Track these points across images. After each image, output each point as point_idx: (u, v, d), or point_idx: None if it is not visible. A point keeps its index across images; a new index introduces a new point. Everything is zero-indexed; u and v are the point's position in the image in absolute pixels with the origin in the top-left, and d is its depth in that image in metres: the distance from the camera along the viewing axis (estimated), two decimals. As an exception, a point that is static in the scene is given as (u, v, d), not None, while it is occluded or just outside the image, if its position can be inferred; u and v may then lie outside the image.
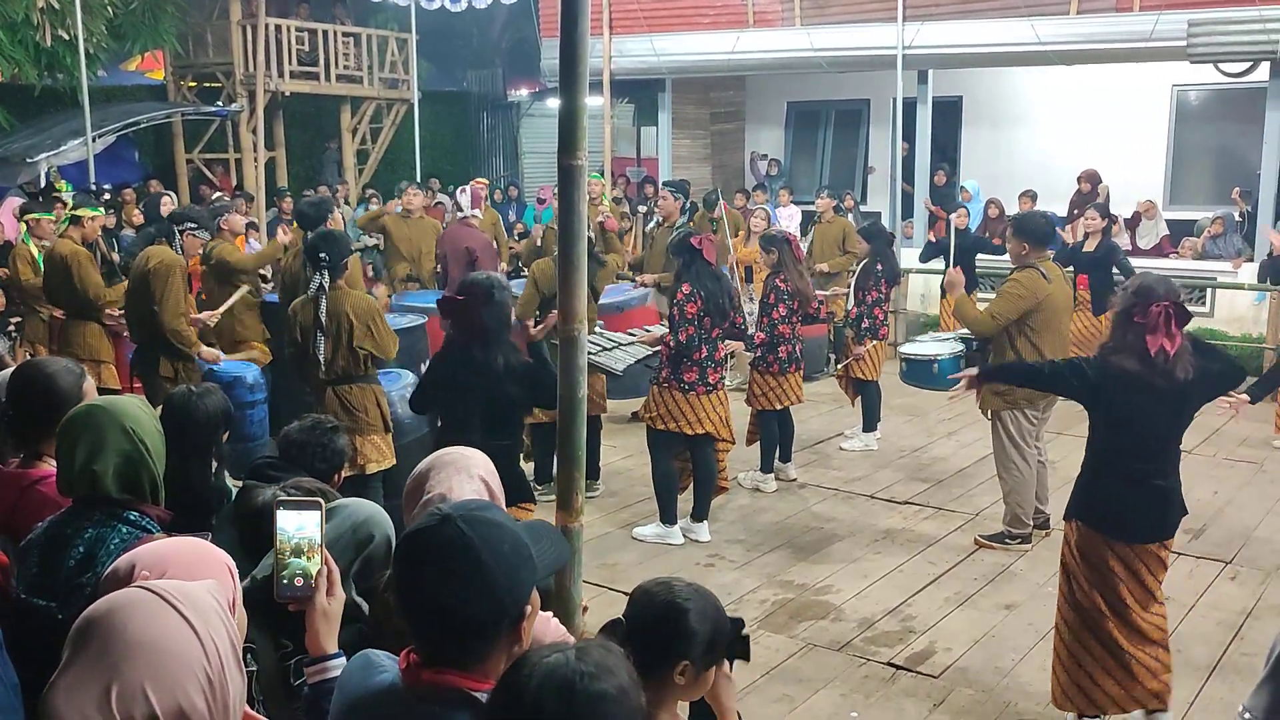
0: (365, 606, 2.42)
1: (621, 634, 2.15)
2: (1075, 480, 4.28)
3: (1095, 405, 4.13)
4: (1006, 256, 6.55)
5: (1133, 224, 12.81)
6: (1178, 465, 4.15)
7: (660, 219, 9.54)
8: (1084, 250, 9.03)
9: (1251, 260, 11.28)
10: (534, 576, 1.78)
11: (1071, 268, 8.96)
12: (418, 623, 1.75)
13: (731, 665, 2.30)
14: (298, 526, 2.06)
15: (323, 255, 5.30)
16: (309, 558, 2.06)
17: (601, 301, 8.92)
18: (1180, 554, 5.79)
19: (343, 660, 2.05)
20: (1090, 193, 12.16)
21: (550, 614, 2.62)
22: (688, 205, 9.50)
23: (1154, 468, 4.06)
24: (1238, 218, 12.24)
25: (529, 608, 1.77)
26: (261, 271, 8.10)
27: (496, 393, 4.46)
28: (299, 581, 2.05)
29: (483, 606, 1.69)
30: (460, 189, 9.19)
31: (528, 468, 6.31)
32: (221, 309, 7.11)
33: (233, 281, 7.33)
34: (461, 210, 8.89)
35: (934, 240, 10.96)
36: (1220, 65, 11.58)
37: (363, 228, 10.53)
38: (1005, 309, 5.85)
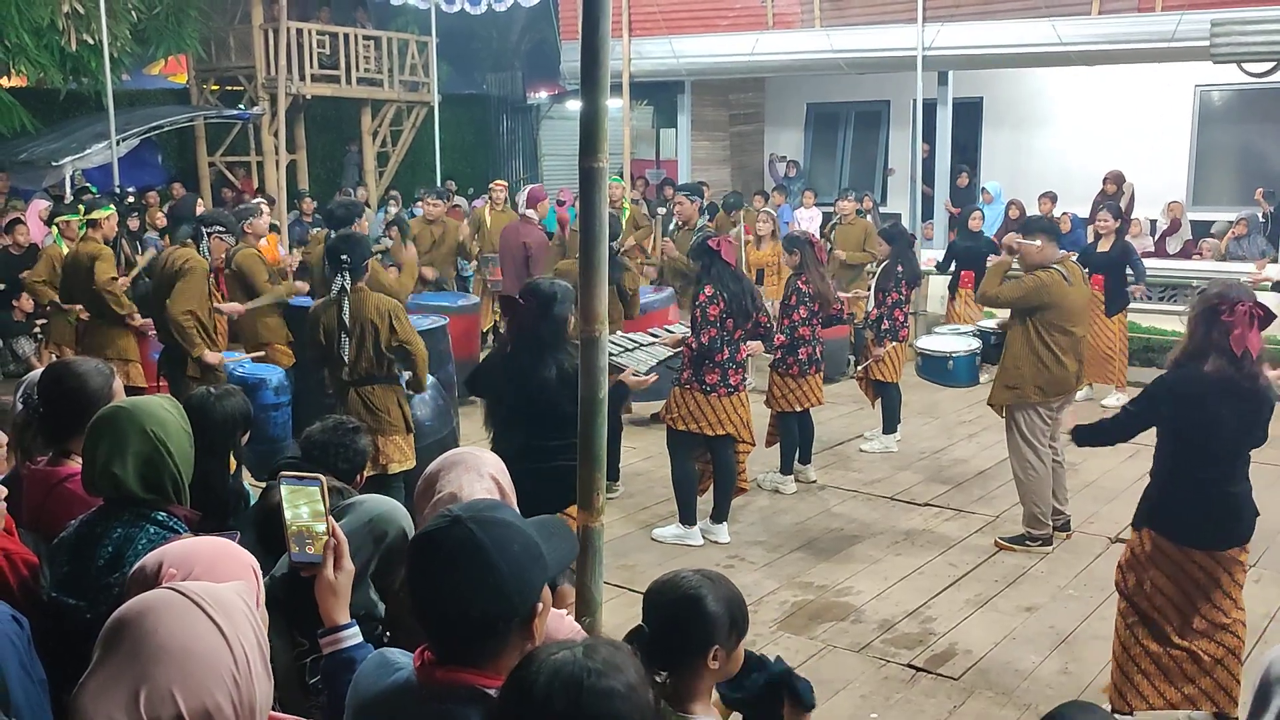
0: (381, 607, 2.44)
1: (644, 638, 2.16)
2: (1145, 489, 4.22)
3: (1174, 416, 4.04)
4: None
5: (1170, 231, 12.71)
6: (1248, 469, 4.11)
7: (679, 222, 9.59)
8: (1099, 251, 8.99)
9: (1276, 261, 11.19)
10: (545, 574, 1.81)
11: (1086, 269, 8.95)
12: (431, 622, 1.78)
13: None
14: (298, 502, 2.12)
15: (344, 257, 5.33)
16: (312, 531, 2.11)
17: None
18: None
19: (356, 630, 2.09)
20: (1115, 194, 12.10)
21: (564, 611, 2.64)
22: (705, 206, 9.52)
23: (1229, 473, 4.02)
24: (1261, 218, 12.15)
25: (540, 605, 1.79)
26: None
27: (547, 402, 4.42)
28: (310, 550, 2.11)
29: (494, 606, 1.72)
30: (526, 189, 9.19)
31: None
32: (250, 305, 7.11)
33: (258, 296, 7.33)
34: (517, 208, 8.97)
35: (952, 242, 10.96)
36: (1243, 65, 11.50)
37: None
38: (1009, 291, 5.91)
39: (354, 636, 2.09)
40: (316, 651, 2.23)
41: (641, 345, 6.80)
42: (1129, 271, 9.07)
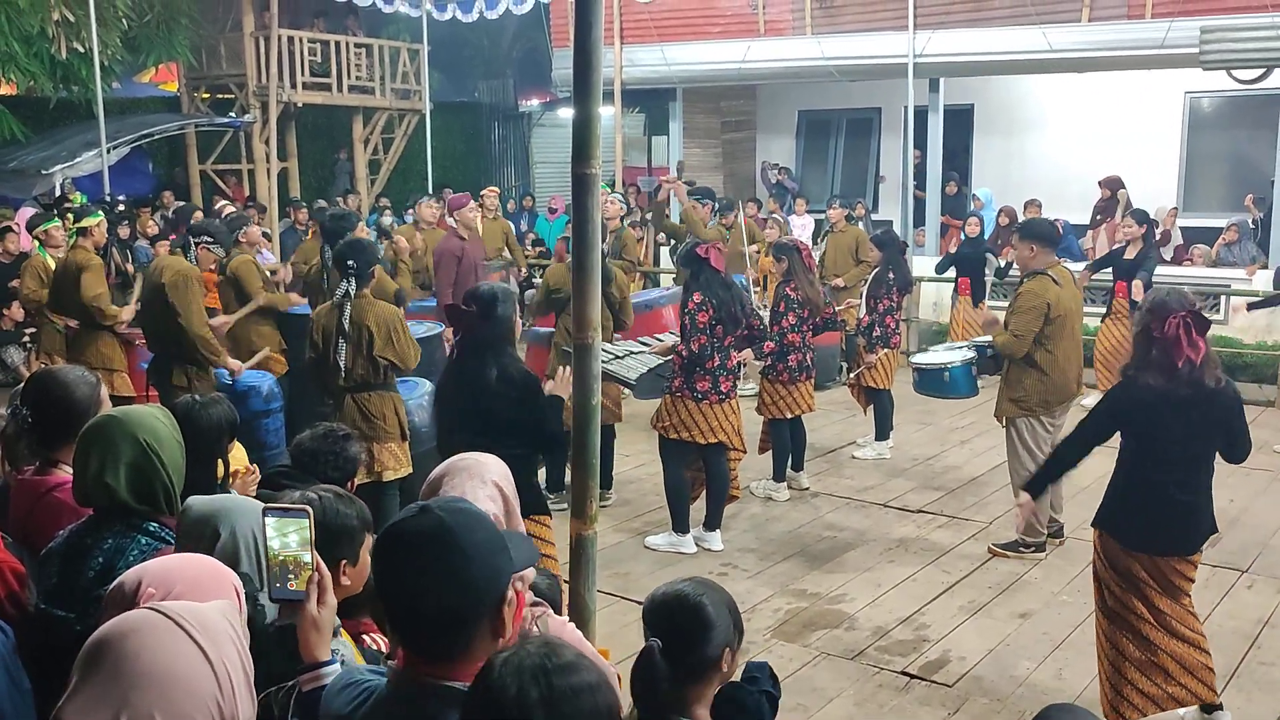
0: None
1: (659, 652, 2.15)
2: (1105, 489, 4.25)
3: (1126, 424, 4.12)
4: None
5: (1161, 242, 12.72)
6: (1208, 481, 4.11)
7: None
8: (1124, 257, 9.01)
9: (1266, 267, 11.23)
10: (511, 566, 1.79)
11: (1111, 274, 9.00)
12: (400, 618, 1.75)
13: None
14: (287, 532, 2.06)
15: (351, 263, 5.35)
16: (300, 564, 2.06)
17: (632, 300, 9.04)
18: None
19: (336, 667, 2.05)
20: (1110, 199, 12.12)
21: (565, 618, 2.62)
22: (715, 210, 9.56)
23: (1177, 480, 4.03)
24: (1251, 224, 12.20)
25: (510, 593, 1.77)
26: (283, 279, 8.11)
27: (488, 405, 4.40)
28: (292, 585, 2.06)
29: (460, 594, 1.70)
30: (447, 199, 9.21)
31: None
32: (235, 316, 7.11)
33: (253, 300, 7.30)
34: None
35: (951, 252, 10.99)
36: (1233, 72, 11.55)
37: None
38: (1024, 323, 5.84)
39: (333, 674, 2.03)
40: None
41: (632, 353, 6.79)
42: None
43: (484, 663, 1.59)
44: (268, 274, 7.82)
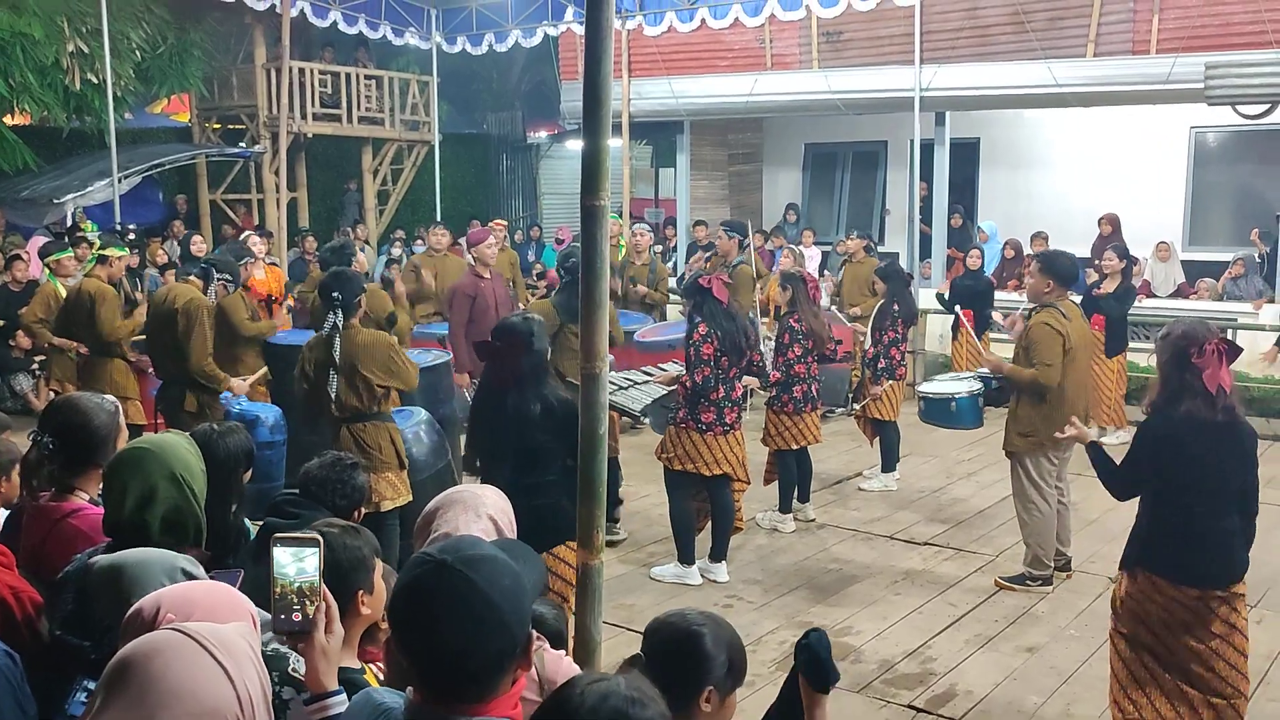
0: None
1: (641, 667, 2.15)
2: (1132, 528, 4.16)
3: (1160, 460, 4.02)
4: (1020, 296, 6.53)
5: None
6: (1237, 508, 4.05)
7: (721, 258, 9.66)
8: (1102, 292, 9.05)
9: (1273, 301, 11.24)
10: (530, 600, 1.82)
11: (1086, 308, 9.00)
12: (433, 669, 1.74)
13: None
14: (296, 562, 2.04)
15: (335, 294, 5.32)
16: (307, 594, 2.04)
17: (654, 339, 9.06)
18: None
19: (344, 698, 2.05)
20: (1112, 235, 12.16)
21: (563, 653, 2.62)
22: (745, 243, 9.60)
23: (1217, 509, 3.98)
24: (1258, 259, 12.21)
25: (534, 631, 1.81)
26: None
27: (531, 435, 4.44)
28: (296, 617, 2.03)
29: (502, 642, 1.72)
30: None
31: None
32: (250, 380, 7.00)
33: (238, 334, 7.24)
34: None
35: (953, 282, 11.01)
36: (1238, 107, 11.60)
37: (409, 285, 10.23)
38: (1049, 353, 5.79)
39: (341, 704, 2.03)
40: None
41: (636, 384, 6.80)
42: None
43: (566, 682, 1.66)
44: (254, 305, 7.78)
